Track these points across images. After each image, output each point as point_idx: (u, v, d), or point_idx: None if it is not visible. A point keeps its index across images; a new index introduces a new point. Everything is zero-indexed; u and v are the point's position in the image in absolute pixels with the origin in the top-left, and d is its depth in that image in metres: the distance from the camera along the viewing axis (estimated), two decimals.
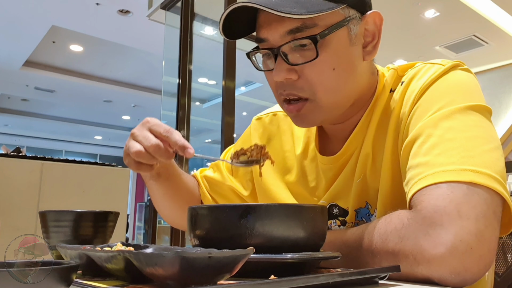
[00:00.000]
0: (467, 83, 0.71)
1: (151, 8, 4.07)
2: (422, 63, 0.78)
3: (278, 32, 0.69)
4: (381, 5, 3.88)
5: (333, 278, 0.46)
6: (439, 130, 0.65)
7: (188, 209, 0.55)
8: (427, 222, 0.57)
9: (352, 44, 0.72)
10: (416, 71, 0.76)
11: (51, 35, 5.70)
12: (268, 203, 0.72)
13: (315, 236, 0.53)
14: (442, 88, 0.70)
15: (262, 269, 0.48)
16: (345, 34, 0.71)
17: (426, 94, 0.71)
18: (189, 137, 3.48)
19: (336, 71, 0.71)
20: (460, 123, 0.65)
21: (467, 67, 0.75)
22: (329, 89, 0.72)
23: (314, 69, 0.70)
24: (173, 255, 0.37)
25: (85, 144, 12.24)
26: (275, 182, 0.92)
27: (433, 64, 0.75)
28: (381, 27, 0.75)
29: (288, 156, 0.92)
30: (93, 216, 0.67)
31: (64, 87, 7.74)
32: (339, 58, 0.71)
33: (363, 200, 0.79)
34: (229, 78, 2.89)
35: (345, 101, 0.75)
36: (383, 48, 0.81)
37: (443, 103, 0.67)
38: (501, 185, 0.60)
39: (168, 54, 3.94)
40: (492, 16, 4.69)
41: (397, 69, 0.80)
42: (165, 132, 0.70)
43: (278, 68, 0.71)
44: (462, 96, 0.68)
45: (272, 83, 0.76)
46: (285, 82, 0.72)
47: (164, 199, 0.94)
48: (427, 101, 0.70)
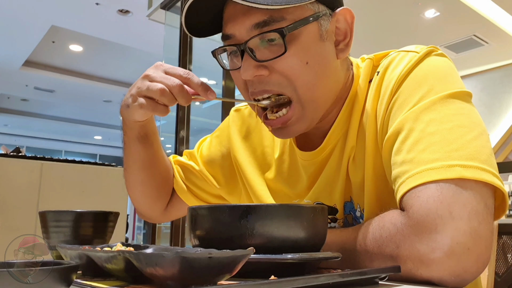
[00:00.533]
0: (444, 69, 0.69)
1: (151, 8, 4.07)
2: (396, 51, 0.74)
3: (244, 26, 0.67)
4: (381, 5, 3.88)
5: (333, 279, 0.46)
6: (421, 124, 0.63)
7: (188, 209, 0.55)
8: (421, 227, 0.57)
9: (322, 40, 0.70)
10: (390, 60, 0.73)
11: (50, 35, 5.70)
12: (268, 203, 0.71)
13: (315, 236, 0.53)
14: (419, 77, 0.68)
15: (262, 270, 0.48)
16: (315, 29, 0.69)
17: (404, 85, 0.68)
18: (189, 137, 3.48)
19: (310, 65, 0.68)
20: (441, 114, 0.63)
21: (441, 52, 0.72)
22: (307, 84, 0.69)
23: (285, 63, 0.67)
24: (173, 255, 0.37)
25: (84, 144, 12.24)
26: (255, 177, 0.89)
27: (407, 52, 0.72)
28: (352, 25, 0.73)
29: (267, 151, 0.90)
30: (93, 216, 0.67)
31: (63, 87, 7.74)
32: (310, 52, 0.68)
33: (348, 195, 0.78)
34: (229, 78, 2.89)
35: (324, 100, 0.73)
36: (383, 48, 0.81)
37: (422, 93, 0.66)
38: (490, 173, 0.59)
39: (168, 54, 3.94)
40: (492, 16, 4.69)
41: (372, 58, 0.78)
42: (185, 74, 0.68)
43: (245, 65, 0.67)
44: (440, 83, 0.66)
45: (240, 83, 0.73)
46: (255, 80, 0.69)
47: (142, 170, 0.89)
48: (405, 92, 0.68)
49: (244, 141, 0.92)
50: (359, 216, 0.76)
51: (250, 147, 0.91)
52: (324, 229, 0.56)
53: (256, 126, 0.92)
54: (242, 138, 0.92)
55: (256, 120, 0.91)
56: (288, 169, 0.85)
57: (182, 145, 3.44)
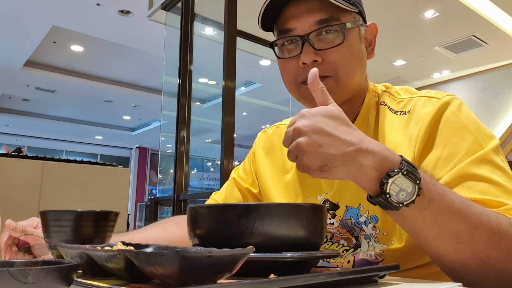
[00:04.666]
0: (472, 116, 0.80)
1: (151, 9, 4.08)
2: (417, 96, 0.86)
3: (307, 22, 0.82)
4: (381, 5, 3.88)
5: (332, 277, 0.46)
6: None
7: (188, 208, 0.55)
8: None
9: (361, 41, 0.87)
10: (416, 100, 0.85)
11: (52, 35, 5.70)
12: (268, 202, 0.72)
13: (315, 235, 0.53)
14: (453, 120, 0.78)
15: (262, 268, 0.48)
16: (357, 32, 0.85)
17: (441, 126, 0.78)
18: (189, 137, 3.48)
19: (353, 56, 0.83)
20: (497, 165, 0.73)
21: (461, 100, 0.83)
22: (348, 71, 0.83)
23: (337, 53, 0.81)
24: (173, 254, 0.37)
25: (85, 144, 12.25)
26: (274, 181, 0.97)
27: (429, 98, 0.84)
28: (376, 36, 0.91)
29: (287, 160, 0.93)
30: (94, 215, 0.67)
31: (64, 87, 7.74)
32: (355, 47, 0.84)
33: (357, 201, 0.81)
34: (229, 78, 2.89)
35: (354, 87, 0.85)
36: (383, 48, 0.83)
37: (466, 138, 0.75)
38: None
39: (169, 54, 3.95)
40: (492, 16, 4.69)
41: (388, 88, 0.92)
42: None
43: (306, 52, 0.81)
44: (478, 132, 0.76)
45: (293, 68, 0.85)
46: (310, 65, 0.81)
47: None
48: (444, 133, 0.77)
49: (266, 155, 1.04)
50: (363, 222, 0.80)
51: (272, 158, 1.02)
52: (323, 228, 0.56)
53: (278, 142, 1.02)
54: (265, 153, 1.04)
55: (278, 137, 1.03)
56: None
57: (182, 145, 3.44)
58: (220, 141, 2.88)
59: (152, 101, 8.25)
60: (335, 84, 0.82)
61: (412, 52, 5.61)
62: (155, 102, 7.97)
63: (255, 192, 1.03)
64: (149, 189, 12.80)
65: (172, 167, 3.55)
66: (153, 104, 8.38)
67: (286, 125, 1.01)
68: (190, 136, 3.49)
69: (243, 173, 1.08)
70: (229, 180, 1.10)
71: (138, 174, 12.84)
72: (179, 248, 0.43)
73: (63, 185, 2.53)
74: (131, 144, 12.82)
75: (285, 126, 1.04)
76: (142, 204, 9.11)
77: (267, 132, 1.09)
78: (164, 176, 4.68)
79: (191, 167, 3.55)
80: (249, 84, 7.17)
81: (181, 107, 3.48)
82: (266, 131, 1.10)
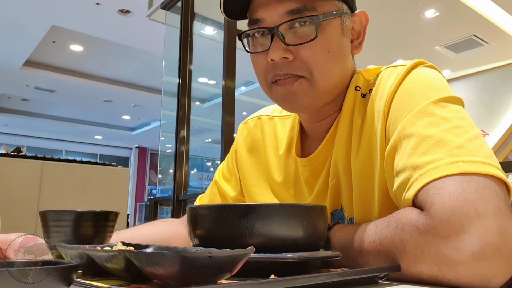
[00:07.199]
0: (433, 78, 0.70)
1: (151, 8, 4.08)
2: (385, 68, 0.77)
3: (277, 12, 0.71)
4: (381, 5, 3.89)
5: (333, 278, 0.46)
6: (418, 128, 0.63)
7: (188, 209, 0.55)
8: (446, 227, 0.52)
9: (343, 35, 0.75)
10: (380, 77, 0.75)
11: (51, 35, 5.70)
12: (269, 202, 0.71)
13: (315, 235, 0.53)
14: (410, 87, 0.69)
15: (262, 269, 0.48)
16: (338, 23, 0.74)
17: (396, 98, 0.69)
18: (189, 137, 3.48)
19: (331, 54, 0.72)
20: (436, 117, 0.63)
21: (431, 64, 0.74)
22: (323, 71, 0.72)
23: (310, 50, 0.71)
24: (174, 254, 0.37)
25: (85, 144, 12.25)
26: (258, 182, 0.91)
27: (395, 67, 0.74)
28: (366, 27, 0.79)
29: (270, 156, 0.92)
30: (93, 216, 0.67)
31: (64, 87, 7.74)
32: (333, 43, 0.73)
33: (338, 203, 0.78)
34: (229, 78, 2.89)
35: (333, 88, 0.76)
36: (383, 48, 0.82)
37: (414, 101, 0.66)
38: (500, 171, 0.57)
39: (168, 54, 3.95)
40: (492, 16, 4.69)
41: (362, 73, 0.79)
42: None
43: (275, 47, 0.71)
44: (431, 90, 0.67)
45: (262, 65, 0.75)
46: (280, 63, 0.72)
47: None
48: (398, 104, 0.68)
49: (249, 152, 0.96)
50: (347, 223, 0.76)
51: (255, 156, 0.94)
52: (324, 229, 0.56)
53: (261, 135, 0.95)
54: (247, 150, 0.96)
55: (261, 130, 0.95)
56: (290, 174, 0.87)
57: (182, 145, 3.44)
58: (220, 141, 2.88)
59: (152, 101, 8.25)
60: (309, 86, 0.72)
61: (412, 52, 5.61)
62: (155, 102, 7.97)
63: (234, 196, 0.97)
64: (148, 189, 12.81)
65: (171, 167, 3.55)
66: (152, 104, 8.38)
67: (268, 116, 0.95)
68: (190, 136, 3.49)
69: (227, 172, 1.00)
70: (212, 183, 1.03)
71: (138, 174, 12.85)
72: (179, 249, 0.43)
73: (63, 185, 2.53)
74: (131, 144, 12.83)
75: (266, 117, 0.96)
76: (142, 204, 9.12)
77: (248, 124, 0.99)
78: (164, 176, 4.68)
79: (190, 167, 3.55)
80: (249, 84, 7.17)
81: (181, 107, 3.48)
82: (247, 123, 0.99)
